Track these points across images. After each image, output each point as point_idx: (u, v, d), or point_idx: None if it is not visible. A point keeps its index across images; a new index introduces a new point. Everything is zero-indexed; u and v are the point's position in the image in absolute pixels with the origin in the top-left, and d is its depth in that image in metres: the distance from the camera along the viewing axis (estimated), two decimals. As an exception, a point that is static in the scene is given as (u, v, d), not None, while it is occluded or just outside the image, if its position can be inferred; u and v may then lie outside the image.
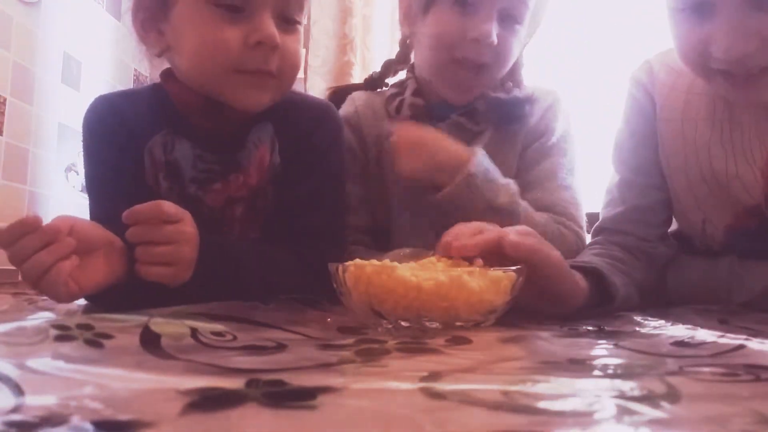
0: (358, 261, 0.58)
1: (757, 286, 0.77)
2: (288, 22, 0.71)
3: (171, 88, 0.75)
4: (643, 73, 0.85)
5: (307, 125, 0.79)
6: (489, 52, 0.80)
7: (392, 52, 1.94)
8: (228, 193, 0.74)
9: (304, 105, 0.81)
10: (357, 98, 0.96)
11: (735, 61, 0.65)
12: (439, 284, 0.53)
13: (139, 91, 0.82)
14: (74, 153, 1.61)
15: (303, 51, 0.76)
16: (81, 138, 0.78)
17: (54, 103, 1.54)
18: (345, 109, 0.94)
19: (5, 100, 1.37)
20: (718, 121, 0.77)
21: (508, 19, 0.81)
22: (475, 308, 0.55)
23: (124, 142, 0.74)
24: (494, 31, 0.79)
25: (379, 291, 0.54)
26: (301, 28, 0.74)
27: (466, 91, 0.86)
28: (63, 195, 1.58)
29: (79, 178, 1.62)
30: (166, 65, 0.76)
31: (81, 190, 1.62)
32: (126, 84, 1.86)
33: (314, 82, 1.89)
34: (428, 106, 0.88)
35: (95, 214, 0.75)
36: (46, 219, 0.56)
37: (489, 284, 0.55)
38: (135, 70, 1.90)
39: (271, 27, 0.68)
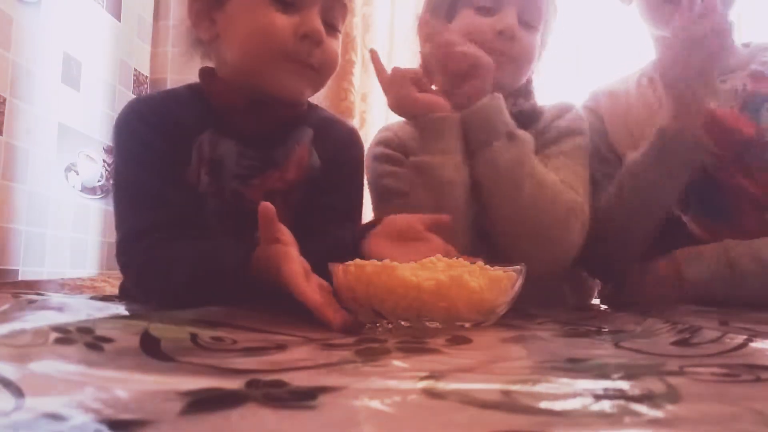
0: (358, 261, 0.58)
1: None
2: (330, 27, 0.77)
3: (211, 88, 0.79)
4: (590, 101, 1.06)
5: (340, 141, 0.85)
6: (515, 45, 0.90)
7: (391, 51, 1.95)
8: (266, 188, 0.78)
9: (336, 123, 0.89)
10: (389, 127, 1.02)
11: None
12: (439, 284, 0.53)
13: (176, 92, 0.83)
14: (74, 153, 1.61)
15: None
16: (113, 141, 0.78)
17: (54, 103, 1.54)
18: (383, 136, 0.99)
19: (5, 100, 1.37)
20: (653, 106, 0.94)
21: (526, 24, 0.92)
22: (475, 308, 0.55)
23: (170, 140, 0.75)
24: (516, 28, 0.90)
25: (379, 291, 0.54)
26: (340, 37, 0.80)
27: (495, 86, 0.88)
28: (63, 195, 1.58)
29: (79, 178, 1.62)
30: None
31: (81, 190, 1.62)
32: (126, 84, 1.86)
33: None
34: None
35: (134, 216, 0.73)
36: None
37: (489, 284, 0.55)
38: (135, 69, 1.89)
39: (318, 22, 0.74)
